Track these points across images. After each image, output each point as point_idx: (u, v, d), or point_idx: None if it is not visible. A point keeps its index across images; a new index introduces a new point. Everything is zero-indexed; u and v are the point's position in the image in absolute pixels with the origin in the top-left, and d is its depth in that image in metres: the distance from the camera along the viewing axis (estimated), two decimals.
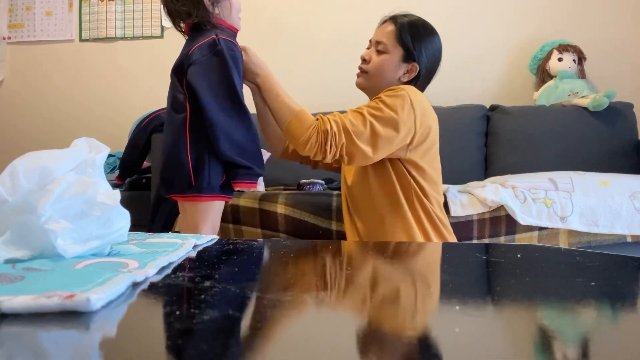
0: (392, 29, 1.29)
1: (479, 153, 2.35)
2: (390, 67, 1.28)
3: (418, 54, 1.28)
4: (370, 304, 0.46)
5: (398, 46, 1.27)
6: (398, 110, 1.15)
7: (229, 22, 1.26)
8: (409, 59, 1.27)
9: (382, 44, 1.28)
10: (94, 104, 2.98)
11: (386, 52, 1.28)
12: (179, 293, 0.46)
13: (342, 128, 1.14)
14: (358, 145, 1.14)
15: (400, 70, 1.28)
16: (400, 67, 1.28)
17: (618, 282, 0.54)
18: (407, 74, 1.28)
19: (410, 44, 1.27)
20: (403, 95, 1.18)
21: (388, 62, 1.28)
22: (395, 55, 1.27)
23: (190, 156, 1.17)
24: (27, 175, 0.55)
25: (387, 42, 1.28)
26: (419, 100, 1.21)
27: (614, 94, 2.17)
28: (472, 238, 1.58)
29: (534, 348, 0.35)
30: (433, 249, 0.84)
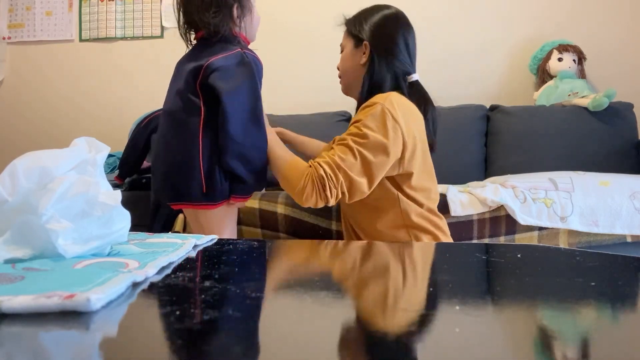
0: (345, 27, 1.33)
1: (479, 153, 2.35)
2: (348, 59, 1.30)
3: (363, 32, 1.27)
4: (370, 304, 0.46)
5: (349, 37, 1.31)
6: (382, 131, 1.10)
7: (246, 35, 1.23)
8: (359, 42, 1.27)
9: (341, 46, 1.34)
10: (94, 104, 2.98)
11: (343, 49, 1.32)
12: (179, 293, 0.46)
13: (334, 167, 1.09)
14: (354, 179, 1.09)
15: (356, 56, 1.28)
16: (355, 54, 1.28)
17: (618, 282, 0.54)
18: (364, 55, 1.26)
19: (354, 29, 1.29)
20: (381, 110, 1.12)
21: (346, 57, 1.31)
22: (349, 46, 1.30)
23: (203, 162, 1.10)
24: (27, 175, 0.55)
25: (343, 43, 1.33)
26: (399, 108, 1.14)
27: (614, 94, 2.17)
28: (472, 238, 1.58)
29: (534, 348, 0.35)
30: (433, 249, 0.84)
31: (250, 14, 1.23)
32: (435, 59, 2.62)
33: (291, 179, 1.12)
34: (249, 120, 1.11)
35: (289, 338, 0.36)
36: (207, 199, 1.11)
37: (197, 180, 1.10)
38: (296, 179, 1.11)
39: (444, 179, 2.02)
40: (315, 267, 0.68)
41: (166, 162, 1.16)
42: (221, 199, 1.13)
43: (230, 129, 1.08)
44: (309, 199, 1.09)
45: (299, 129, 2.36)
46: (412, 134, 1.16)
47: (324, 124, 2.40)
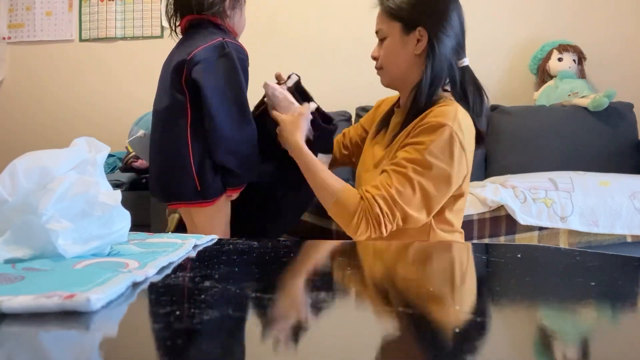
0: (381, 10, 1.14)
1: (479, 153, 2.35)
2: (396, 49, 1.11)
3: (417, 16, 1.08)
4: (370, 304, 0.46)
5: (393, 22, 1.10)
6: (448, 161, 1.01)
7: (234, 28, 1.20)
8: (410, 27, 1.09)
9: (379, 31, 1.14)
10: (94, 104, 2.99)
11: (386, 36, 1.12)
12: (179, 293, 0.46)
13: (391, 203, 1.01)
14: (411, 215, 1.01)
15: (409, 45, 1.10)
16: (406, 41, 1.10)
17: (618, 282, 0.54)
18: (419, 43, 1.09)
19: (402, 11, 1.09)
20: (449, 136, 1.01)
21: (392, 45, 1.11)
22: (396, 33, 1.10)
23: (194, 162, 1.09)
24: (26, 175, 0.55)
25: (382, 26, 1.13)
26: (466, 132, 1.04)
27: (614, 94, 2.18)
28: (472, 238, 1.58)
29: (534, 348, 0.35)
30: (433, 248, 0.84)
31: (240, 10, 1.20)
32: None
33: (344, 214, 1.05)
34: (236, 113, 1.09)
35: (288, 338, 0.36)
36: (201, 197, 1.11)
37: (190, 180, 1.09)
38: (349, 214, 1.04)
39: None
40: (315, 267, 0.68)
41: (157, 163, 1.16)
42: (215, 196, 1.12)
43: (218, 126, 1.06)
44: (362, 234, 1.03)
45: None
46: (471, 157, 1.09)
47: None
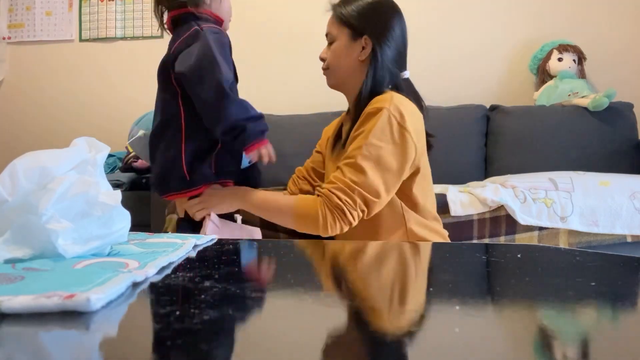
0: (332, 15, 1.21)
1: (479, 153, 2.35)
2: (342, 52, 1.18)
3: (364, 26, 1.16)
4: (370, 304, 0.46)
5: (342, 27, 1.18)
6: (391, 141, 1.07)
7: (216, 13, 1.18)
8: (356, 34, 1.16)
9: (329, 35, 1.21)
10: (94, 104, 2.99)
11: (334, 40, 1.19)
12: (179, 293, 0.46)
13: (348, 191, 1.06)
14: (370, 198, 1.06)
15: (354, 50, 1.17)
16: (352, 47, 1.17)
17: (618, 282, 0.54)
18: (363, 50, 1.16)
19: (350, 18, 1.16)
20: (387, 118, 1.07)
21: (339, 49, 1.18)
22: (343, 38, 1.18)
23: (185, 153, 1.10)
24: (26, 175, 0.55)
25: (331, 30, 1.20)
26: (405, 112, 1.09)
27: (614, 94, 2.18)
28: (472, 238, 1.58)
29: (534, 348, 0.35)
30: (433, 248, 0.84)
31: None
32: (436, 59, 2.62)
33: (308, 219, 1.08)
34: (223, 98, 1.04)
35: (288, 338, 0.36)
36: (188, 185, 1.11)
37: (180, 170, 1.11)
38: (313, 216, 1.07)
39: (444, 179, 2.02)
40: (315, 267, 0.68)
41: (157, 162, 1.18)
42: (202, 182, 1.12)
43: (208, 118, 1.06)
44: (333, 228, 1.07)
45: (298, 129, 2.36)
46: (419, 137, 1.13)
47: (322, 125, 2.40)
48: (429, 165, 1.24)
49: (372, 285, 0.54)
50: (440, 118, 2.33)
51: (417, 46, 2.70)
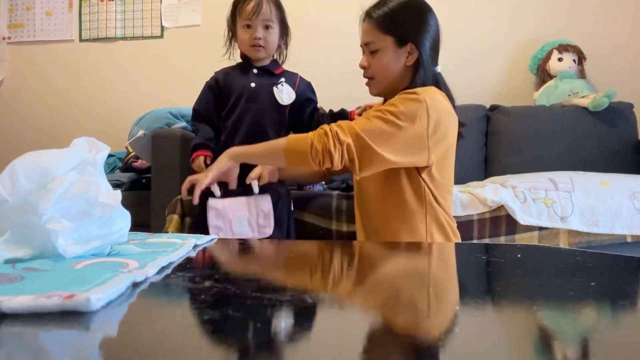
0: (370, 23, 1.22)
1: (479, 153, 2.35)
2: (390, 61, 1.20)
3: (408, 32, 1.19)
4: (370, 304, 0.46)
5: (385, 36, 1.20)
6: (409, 115, 1.09)
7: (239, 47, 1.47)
8: (402, 42, 1.19)
9: (370, 44, 1.22)
10: (94, 104, 2.98)
11: (378, 49, 1.21)
12: (179, 293, 0.46)
13: (344, 127, 1.09)
14: (359, 133, 1.08)
15: (401, 57, 1.20)
16: (399, 54, 1.20)
17: (618, 282, 0.54)
18: (410, 56, 1.20)
19: (395, 27, 1.19)
20: (418, 99, 1.11)
21: (385, 58, 1.21)
22: (388, 47, 1.20)
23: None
24: (26, 175, 0.55)
25: (373, 39, 1.21)
26: (436, 106, 1.14)
27: (614, 94, 2.17)
28: (472, 238, 1.58)
29: (534, 348, 0.35)
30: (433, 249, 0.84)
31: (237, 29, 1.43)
32: None
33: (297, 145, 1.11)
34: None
35: (288, 338, 0.36)
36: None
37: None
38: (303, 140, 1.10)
39: None
40: (315, 267, 0.68)
41: None
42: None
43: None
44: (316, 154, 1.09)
45: None
46: (443, 133, 1.15)
47: None
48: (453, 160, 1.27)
49: (371, 286, 0.54)
50: None
51: None
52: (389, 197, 1.21)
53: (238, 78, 1.43)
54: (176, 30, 2.89)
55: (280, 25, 1.44)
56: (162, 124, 2.03)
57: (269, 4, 1.40)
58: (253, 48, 1.40)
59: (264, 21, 1.39)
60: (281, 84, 1.43)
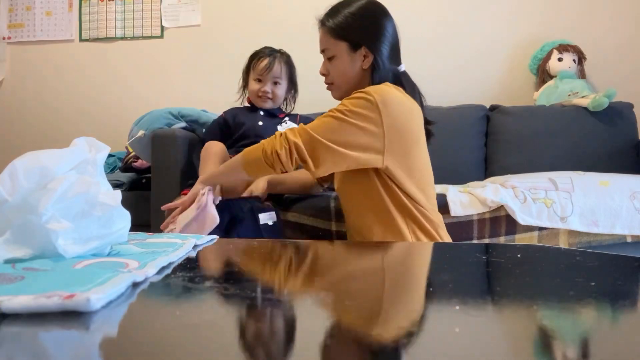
0: (323, 31, 1.25)
1: (479, 153, 2.35)
2: (346, 66, 1.23)
3: (360, 36, 1.21)
4: (370, 304, 0.46)
5: (339, 42, 1.22)
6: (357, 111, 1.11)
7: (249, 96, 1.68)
8: (356, 46, 1.21)
9: (326, 50, 1.25)
10: (94, 104, 2.98)
11: (334, 55, 1.24)
12: (179, 293, 0.46)
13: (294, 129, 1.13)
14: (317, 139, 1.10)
15: (357, 61, 1.22)
16: (354, 59, 1.22)
17: (618, 282, 0.54)
18: (365, 59, 1.21)
19: (346, 33, 1.21)
20: (366, 96, 1.12)
21: (342, 63, 1.23)
22: (343, 52, 1.22)
23: None
24: (26, 175, 0.55)
25: (328, 46, 1.24)
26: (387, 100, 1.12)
27: (614, 94, 2.17)
28: (472, 238, 1.58)
29: (534, 348, 0.35)
30: (433, 248, 0.84)
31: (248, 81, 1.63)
32: (436, 59, 2.62)
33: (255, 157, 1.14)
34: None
35: (288, 338, 0.36)
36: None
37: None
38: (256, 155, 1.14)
39: (444, 179, 2.01)
40: (314, 268, 0.68)
41: None
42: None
43: None
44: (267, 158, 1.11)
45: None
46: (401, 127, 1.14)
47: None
48: (428, 157, 1.26)
49: (372, 286, 0.54)
50: (440, 118, 2.32)
51: (418, 47, 2.71)
52: (366, 205, 1.21)
53: (246, 117, 1.62)
54: (176, 30, 2.89)
55: (289, 81, 1.64)
56: (162, 124, 2.03)
57: (280, 63, 1.58)
58: (260, 98, 1.60)
59: (274, 77, 1.58)
60: (285, 122, 1.63)
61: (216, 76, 2.76)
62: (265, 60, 1.57)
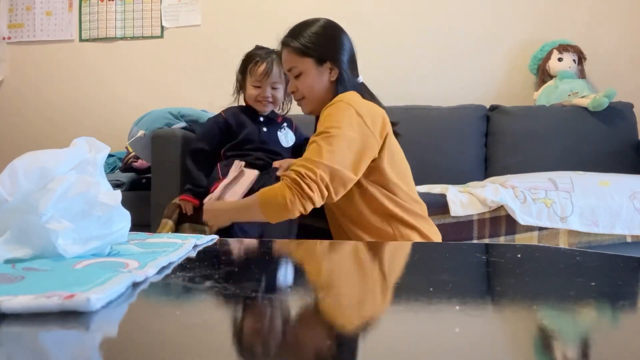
0: (288, 51, 1.30)
1: (479, 153, 2.35)
2: (315, 80, 1.28)
3: (324, 51, 1.28)
4: (370, 304, 0.46)
5: (304, 59, 1.28)
6: (348, 122, 1.15)
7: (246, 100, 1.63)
8: (321, 61, 1.28)
9: (293, 69, 1.30)
10: (94, 104, 2.98)
11: (301, 72, 1.29)
12: (179, 293, 0.46)
13: (309, 164, 1.11)
14: (331, 165, 1.11)
15: (324, 75, 1.29)
16: (321, 72, 1.28)
17: (618, 282, 0.54)
18: (332, 72, 1.28)
19: (311, 49, 1.27)
20: (340, 106, 1.18)
21: (309, 78, 1.28)
22: (310, 68, 1.28)
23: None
24: (26, 175, 0.55)
25: (295, 64, 1.29)
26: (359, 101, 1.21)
27: (614, 94, 2.17)
28: (472, 238, 1.58)
29: (534, 348, 0.35)
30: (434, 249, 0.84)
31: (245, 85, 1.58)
32: (436, 59, 2.62)
33: (270, 201, 1.12)
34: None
35: (288, 338, 0.36)
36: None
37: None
38: (273, 196, 1.11)
39: (444, 179, 2.02)
40: (314, 268, 0.68)
41: None
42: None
43: None
44: (294, 206, 1.09)
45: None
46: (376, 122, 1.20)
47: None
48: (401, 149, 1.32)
49: (372, 286, 0.54)
50: (440, 118, 2.33)
51: (418, 47, 2.71)
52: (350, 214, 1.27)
53: (248, 121, 1.57)
54: (176, 30, 2.89)
55: (286, 84, 1.57)
56: (162, 124, 2.03)
57: (278, 66, 1.52)
58: (260, 103, 1.56)
59: (273, 83, 1.54)
60: (284, 129, 1.62)
61: (216, 76, 2.76)
62: (262, 65, 1.54)
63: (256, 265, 0.64)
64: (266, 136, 1.56)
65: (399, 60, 2.63)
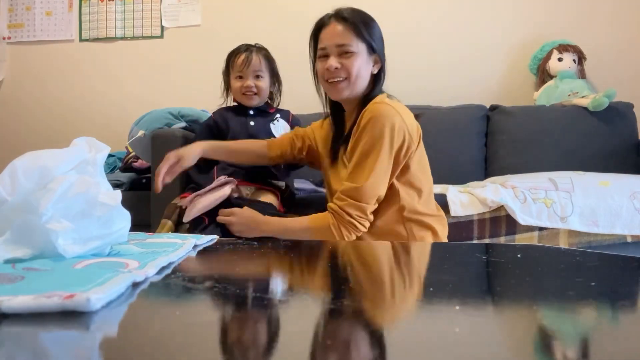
0: (345, 26, 1.22)
1: (479, 153, 2.35)
2: (363, 66, 1.22)
3: (376, 42, 1.25)
4: (370, 303, 0.46)
5: (360, 42, 1.22)
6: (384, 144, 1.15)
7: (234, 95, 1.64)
8: (372, 51, 1.24)
9: (345, 45, 1.21)
10: (94, 104, 2.98)
11: (354, 52, 1.21)
12: (179, 293, 0.46)
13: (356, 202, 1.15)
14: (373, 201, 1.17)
15: (369, 65, 1.25)
16: (368, 62, 1.24)
17: (618, 282, 0.54)
18: (375, 65, 1.26)
19: (368, 35, 1.23)
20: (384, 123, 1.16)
21: (360, 61, 1.22)
22: (362, 52, 1.22)
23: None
24: (26, 175, 0.55)
25: (348, 42, 1.21)
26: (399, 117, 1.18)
27: (614, 94, 2.17)
28: (472, 238, 1.58)
29: (534, 348, 0.35)
30: (433, 249, 0.84)
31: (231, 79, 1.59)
32: (436, 59, 2.61)
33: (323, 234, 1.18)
34: None
35: (288, 338, 0.36)
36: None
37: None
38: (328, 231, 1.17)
39: (444, 179, 2.01)
40: (315, 267, 0.68)
41: None
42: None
43: None
44: (349, 238, 1.17)
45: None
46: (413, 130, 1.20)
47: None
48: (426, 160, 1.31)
49: (372, 286, 0.54)
50: (440, 118, 2.33)
51: (418, 46, 2.71)
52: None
53: (236, 118, 1.58)
54: (176, 30, 2.89)
55: (271, 75, 1.59)
56: (162, 124, 2.03)
57: (259, 55, 1.54)
58: (245, 95, 1.55)
59: (255, 72, 1.54)
60: (277, 120, 1.60)
61: (216, 76, 2.74)
62: (242, 55, 1.54)
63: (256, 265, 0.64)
64: (255, 129, 1.55)
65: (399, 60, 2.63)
